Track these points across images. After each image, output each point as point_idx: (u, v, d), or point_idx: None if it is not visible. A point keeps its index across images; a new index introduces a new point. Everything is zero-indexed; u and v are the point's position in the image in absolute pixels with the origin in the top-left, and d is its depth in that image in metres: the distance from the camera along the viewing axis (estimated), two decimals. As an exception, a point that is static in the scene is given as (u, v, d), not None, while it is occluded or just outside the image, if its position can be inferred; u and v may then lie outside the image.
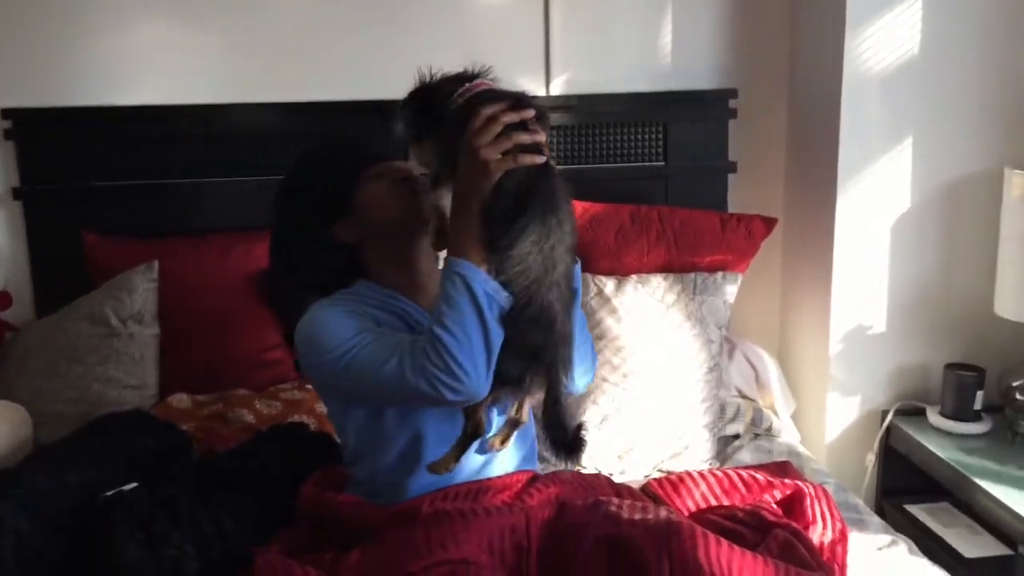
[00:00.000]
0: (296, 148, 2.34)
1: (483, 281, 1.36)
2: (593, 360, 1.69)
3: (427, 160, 1.47)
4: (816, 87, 2.40)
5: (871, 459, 2.37)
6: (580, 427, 1.48)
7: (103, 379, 2.11)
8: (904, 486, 2.34)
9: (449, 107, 1.40)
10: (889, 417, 2.35)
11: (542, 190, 1.37)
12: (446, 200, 1.44)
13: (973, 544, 2.11)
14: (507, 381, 1.40)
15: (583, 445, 1.47)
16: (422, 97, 1.46)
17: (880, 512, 2.39)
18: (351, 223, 1.58)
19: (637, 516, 1.43)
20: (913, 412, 2.36)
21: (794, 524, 1.58)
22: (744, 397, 2.30)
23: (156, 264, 2.23)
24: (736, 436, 2.22)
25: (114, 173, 2.41)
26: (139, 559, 1.41)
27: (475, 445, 1.53)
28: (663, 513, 1.45)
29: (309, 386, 2.18)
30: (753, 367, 2.33)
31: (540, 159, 1.38)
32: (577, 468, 1.95)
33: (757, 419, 2.24)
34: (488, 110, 1.35)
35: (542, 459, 1.82)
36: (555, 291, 1.39)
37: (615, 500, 1.53)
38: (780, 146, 2.62)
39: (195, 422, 2.04)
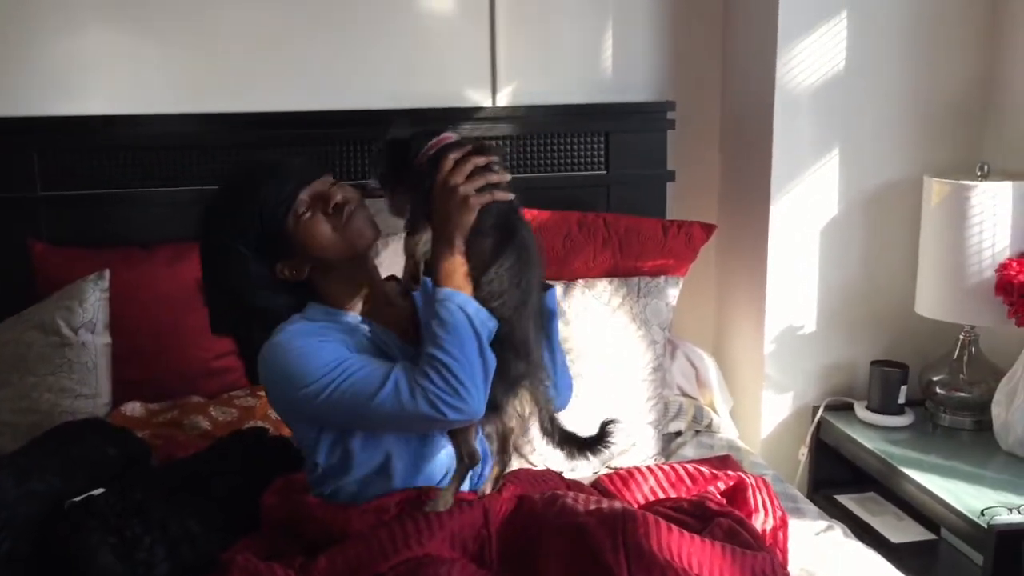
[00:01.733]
0: (244, 159, 2.44)
1: (477, 309, 1.43)
2: (570, 378, 1.77)
3: (401, 208, 1.54)
4: (749, 101, 2.53)
5: (804, 452, 2.49)
6: (607, 425, 1.58)
7: (55, 389, 2.10)
8: (834, 477, 2.47)
9: (421, 159, 1.49)
10: (820, 412, 2.47)
11: (514, 225, 1.49)
12: (420, 246, 1.52)
13: (899, 530, 2.25)
14: (490, 408, 1.46)
15: (606, 439, 1.57)
16: (393, 151, 1.53)
17: (812, 502, 2.51)
18: (294, 263, 1.56)
19: (592, 507, 1.51)
20: (842, 407, 2.49)
21: (737, 512, 1.67)
22: (686, 395, 2.40)
23: (107, 273, 2.23)
24: (679, 433, 2.32)
25: (61, 183, 2.40)
26: (112, 563, 1.44)
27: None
28: (616, 504, 1.53)
29: (262, 392, 2.20)
30: (694, 366, 2.43)
31: (510, 196, 1.48)
32: (529, 466, 2.03)
33: (698, 416, 2.34)
34: (455, 154, 1.46)
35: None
36: (530, 320, 1.49)
37: (570, 493, 1.61)
38: (714, 156, 2.74)
39: (151, 429, 2.06)
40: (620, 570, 1.38)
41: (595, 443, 1.57)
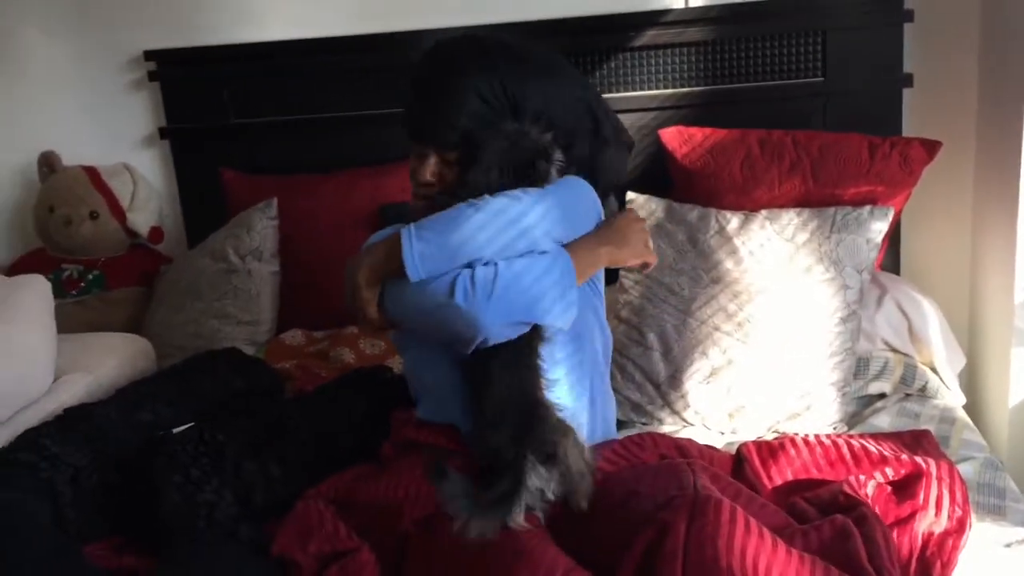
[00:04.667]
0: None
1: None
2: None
3: None
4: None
5: (1063, 428, 1.98)
6: None
7: (220, 315, 2.17)
8: (1107, 462, 1.95)
9: None
10: (1090, 379, 1.95)
11: None
12: None
13: None
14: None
15: None
16: None
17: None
18: None
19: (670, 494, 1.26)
20: (1122, 374, 1.95)
21: (867, 507, 1.34)
22: (894, 351, 1.98)
23: (275, 201, 2.25)
24: (882, 395, 1.92)
25: (252, 110, 2.45)
26: (177, 503, 1.42)
27: None
28: (690, 488, 1.26)
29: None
30: (906, 316, 1.98)
31: None
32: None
33: (908, 377, 1.92)
34: None
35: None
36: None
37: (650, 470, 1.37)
38: (971, 54, 2.19)
39: (299, 360, 2.06)
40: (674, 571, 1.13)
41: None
